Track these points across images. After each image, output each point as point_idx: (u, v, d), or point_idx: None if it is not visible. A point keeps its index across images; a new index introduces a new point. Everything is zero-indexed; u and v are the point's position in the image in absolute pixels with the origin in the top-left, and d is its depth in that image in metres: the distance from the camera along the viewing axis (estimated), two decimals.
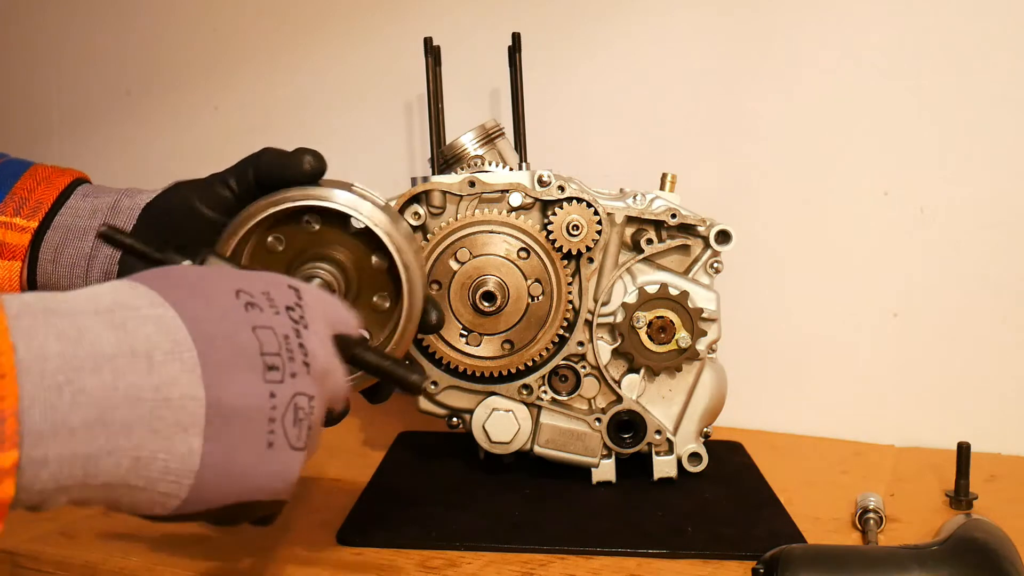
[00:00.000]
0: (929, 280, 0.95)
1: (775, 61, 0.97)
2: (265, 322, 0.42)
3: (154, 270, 0.43)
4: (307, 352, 0.44)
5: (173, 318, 0.39)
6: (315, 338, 0.45)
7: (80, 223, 0.66)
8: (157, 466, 0.38)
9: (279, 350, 0.42)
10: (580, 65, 1.04)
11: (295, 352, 0.43)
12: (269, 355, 0.41)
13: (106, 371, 0.36)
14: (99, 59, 1.27)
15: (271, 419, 0.41)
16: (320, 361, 0.45)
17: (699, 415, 0.79)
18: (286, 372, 0.42)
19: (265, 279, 0.45)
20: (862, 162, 0.96)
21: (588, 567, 0.65)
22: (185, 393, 0.38)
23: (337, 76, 1.15)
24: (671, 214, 0.78)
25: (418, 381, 0.53)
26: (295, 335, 0.43)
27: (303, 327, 0.44)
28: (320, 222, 0.63)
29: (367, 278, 0.63)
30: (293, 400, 0.42)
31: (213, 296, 0.41)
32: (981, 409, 0.93)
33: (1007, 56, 0.91)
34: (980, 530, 0.61)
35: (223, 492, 0.40)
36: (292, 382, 0.42)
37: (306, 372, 0.43)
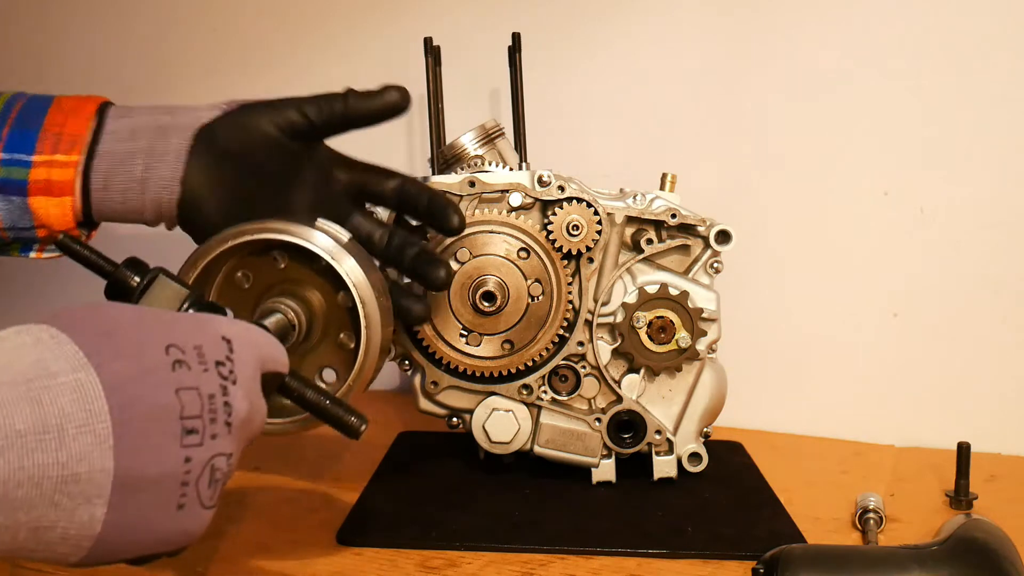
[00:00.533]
0: (929, 280, 0.95)
1: (775, 61, 0.97)
2: (191, 382, 0.42)
3: (83, 312, 0.42)
4: (231, 409, 0.43)
5: (93, 384, 0.38)
6: (241, 391, 0.45)
7: (122, 147, 0.65)
8: (56, 534, 0.38)
9: (201, 412, 0.42)
10: (580, 65, 1.04)
11: (218, 412, 0.43)
12: (190, 419, 0.41)
13: (14, 451, 0.36)
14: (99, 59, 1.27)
15: (184, 483, 0.41)
16: (243, 413, 0.44)
17: (699, 415, 0.79)
18: (206, 435, 0.42)
19: (201, 329, 0.45)
20: (862, 162, 0.96)
21: (588, 567, 0.65)
22: (93, 467, 0.38)
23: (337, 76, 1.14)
24: (671, 214, 0.78)
25: (355, 424, 0.54)
26: (221, 392, 0.43)
27: (231, 382, 0.44)
28: (287, 259, 0.63)
29: (334, 316, 0.63)
30: (211, 462, 0.43)
31: (141, 352, 0.41)
32: (981, 409, 0.93)
33: (1007, 56, 0.91)
34: (980, 530, 0.61)
35: (125, 550, 0.41)
36: (211, 444, 0.42)
37: (228, 431, 0.43)
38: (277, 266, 0.63)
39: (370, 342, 0.61)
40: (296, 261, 0.62)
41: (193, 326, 0.45)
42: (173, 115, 0.66)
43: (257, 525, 0.72)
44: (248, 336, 0.48)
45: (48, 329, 0.40)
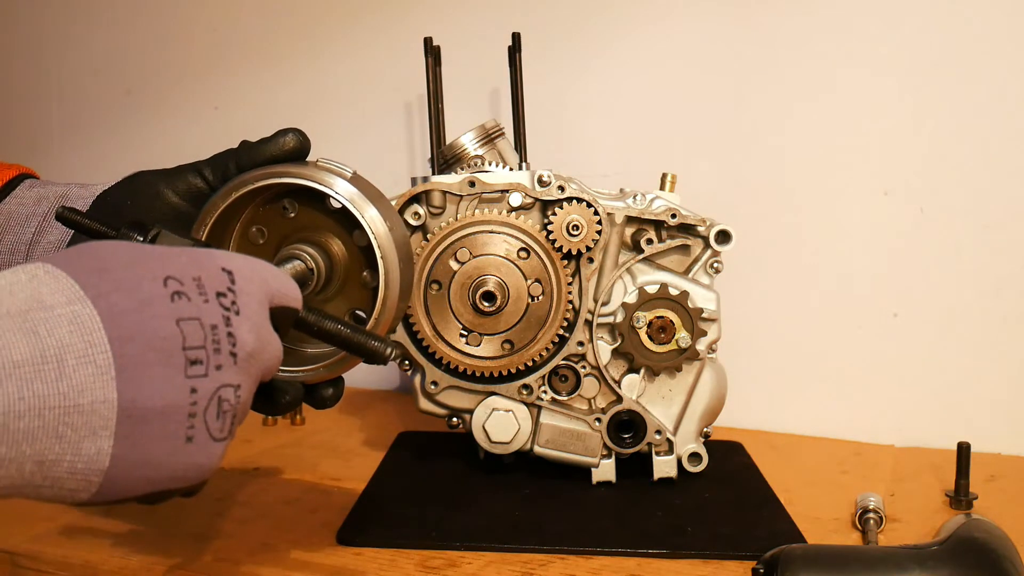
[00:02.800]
0: (929, 280, 0.95)
1: (775, 62, 0.97)
2: (192, 313, 0.41)
3: (83, 247, 0.42)
4: (236, 340, 0.43)
5: (90, 316, 0.38)
6: (246, 323, 0.44)
7: (23, 210, 0.64)
8: (63, 468, 0.38)
9: (204, 342, 0.41)
10: (580, 65, 1.04)
11: (222, 342, 0.42)
12: (193, 349, 0.41)
13: (12, 381, 0.36)
14: (99, 59, 1.27)
15: (191, 414, 0.41)
16: (249, 346, 0.44)
17: (699, 415, 0.79)
18: (210, 365, 0.41)
19: (198, 262, 0.44)
20: (862, 162, 0.96)
21: (588, 567, 0.65)
22: (96, 398, 0.37)
23: (337, 76, 1.15)
24: (671, 214, 0.78)
25: (379, 348, 0.52)
26: (224, 323, 0.42)
27: (234, 313, 0.43)
28: (296, 207, 0.62)
29: (354, 257, 0.63)
30: (217, 393, 0.42)
31: (138, 285, 0.40)
32: (981, 409, 0.93)
33: (1007, 56, 0.91)
34: (980, 530, 0.60)
35: (137, 485, 0.40)
36: (217, 375, 0.42)
37: (233, 362, 0.42)
38: (288, 215, 0.62)
39: (389, 274, 0.59)
40: (306, 207, 0.62)
41: (191, 259, 0.44)
42: (85, 187, 0.66)
43: (257, 525, 0.72)
44: (253, 269, 0.47)
45: (43, 266, 0.39)
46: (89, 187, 0.66)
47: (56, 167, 1.28)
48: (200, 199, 0.61)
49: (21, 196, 0.65)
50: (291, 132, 0.60)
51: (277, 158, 0.60)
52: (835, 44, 0.96)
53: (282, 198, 0.62)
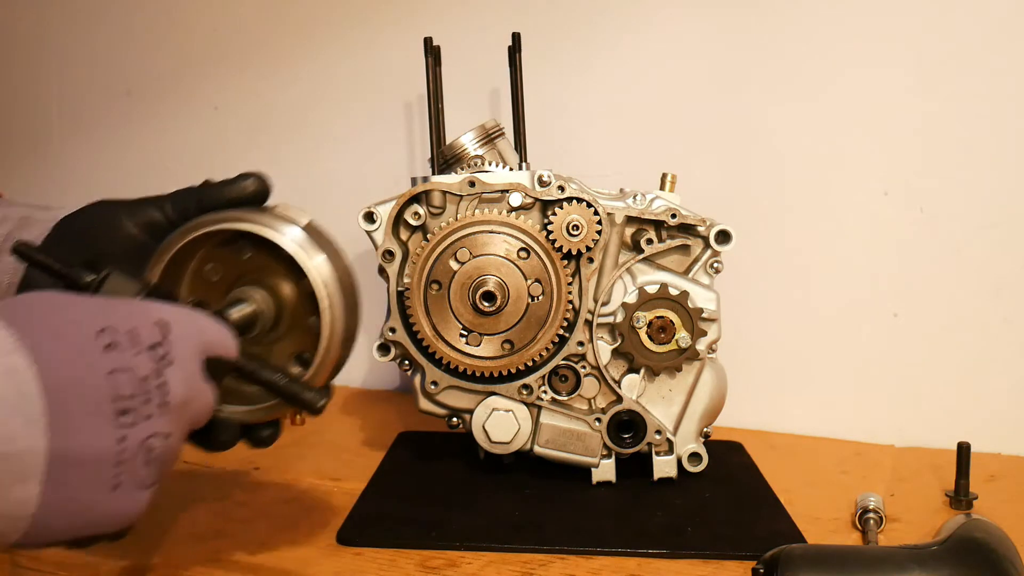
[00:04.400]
0: (929, 280, 0.95)
1: (775, 61, 0.97)
2: (124, 364, 0.43)
3: (21, 299, 0.43)
4: (167, 391, 0.44)
5: (26, 368, 0.39)
6: (178, 373, 0.45)
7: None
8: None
9: (135, 393, 0.43)
10: (580, 65, 1.04)
11: (152, 393, 0.44)
12: (123, 399, 0.42)
13: None
14: (99, 59, 1.27)
15: (119, 463, 0.42)
16: (180, 396, 0.45)
17: (699, 415, 0.79)
18: (140, 415, 0.43)
19: (134, 314, 0.45)
20: (862, 162, 0.96)
21: (588, 567, 0.65)
22: (25, 447, 0.39)
23: (337, 76, 1.15)
24: (671, 214, 0.78)
25: (313, 400, 0.55)
26: (155, 375, 0.44)
27: (166, 364, 0.45)
28: (252, 249, 0.63)
29: (302, 300, 0.64)
30: (146, 442, 0.43)
31: (73, 337, 0.42)
32: (981, 409, 0.93)
33: (1007, 56, 0.91)
34: (980, 530, 0.60)
35: (63, 530, 0.41)
36: (146, 424, 0.43)
37: (162, 412, 0.44)
38: (243, 257, 0.63)
39: (332, 323, 0.61)
40: (260, 250, 0.63)
41: (128, 311, 0.45)
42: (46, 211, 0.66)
43: (257, 525, 0.72)
44: (188, 321, 0.48)
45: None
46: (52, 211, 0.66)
47: (56, 167, 1.28)
48: (159, 233, 0.62)
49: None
50: (252, 177, 0.63)
51: (237, 201, 0.63)
52: (835, 44, 0.95)
53: (238, 240, 0.63)
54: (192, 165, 1.24)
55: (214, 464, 0.86)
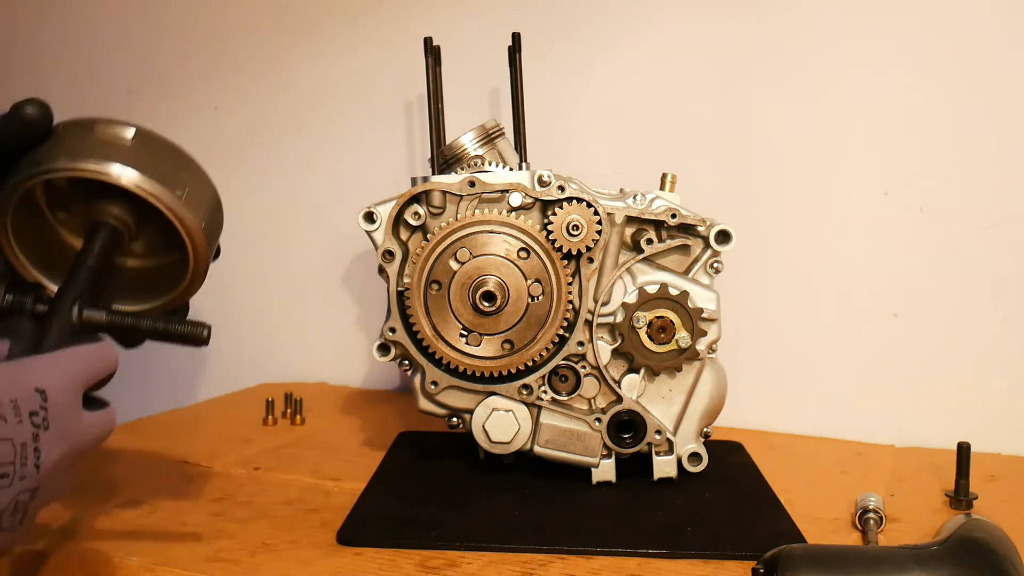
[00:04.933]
0: (929, 280, 0.95)
1: (775, 61, 0.97)
2: (5, 434, 0.48)
3: None
4: (40, 455, 0.50)
5: None
6: (54, 435, 0.51)
7: None
8: None
9: (13, 459, 0.48)
10: (580, 65, 1.04)
11: (28, 457, 0.49)
12: (2, 465, 0.48)
13: None
14: (99, 59, 1.27)
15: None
16: (54, 458, 0.51)
17: (699, 415, 0.79)
18: (15, 477, 0.48)
19: (15, 383, 0.50)
20: (862, 162, 0.96)
21: (588, 567, 0.65)
22: None
23: (337, 76, 1.15)
24: (671, 214, 0.78)
25: (196, 333, 0.61)
26: (32, 440, 0.49)
27: (43, 429, 0.50)
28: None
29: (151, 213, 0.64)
30: (16, 498, 0.49)
31: None
32: (981, 409, 0.93)
33: (1007, 56, 0.91)
34: (980, 530, 0.60)
35: None
36: (20, 484, 0.49)
37: (36, 472, 0.49)
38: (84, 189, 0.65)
39: (195, 241, 0.64)
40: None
41: (9, 380, 0.50)
42: None
43: (257, 525, 0.72)
44: (65, 374, 0.53)
45: None
46: None
47: None
48: None
49: None
50: (28, 104, 0.61)
51: (23, 136, 0.61)
52: (835, 44, 0.96)
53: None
54: None
55: (214, 464, 0.86)
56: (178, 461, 0.87)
